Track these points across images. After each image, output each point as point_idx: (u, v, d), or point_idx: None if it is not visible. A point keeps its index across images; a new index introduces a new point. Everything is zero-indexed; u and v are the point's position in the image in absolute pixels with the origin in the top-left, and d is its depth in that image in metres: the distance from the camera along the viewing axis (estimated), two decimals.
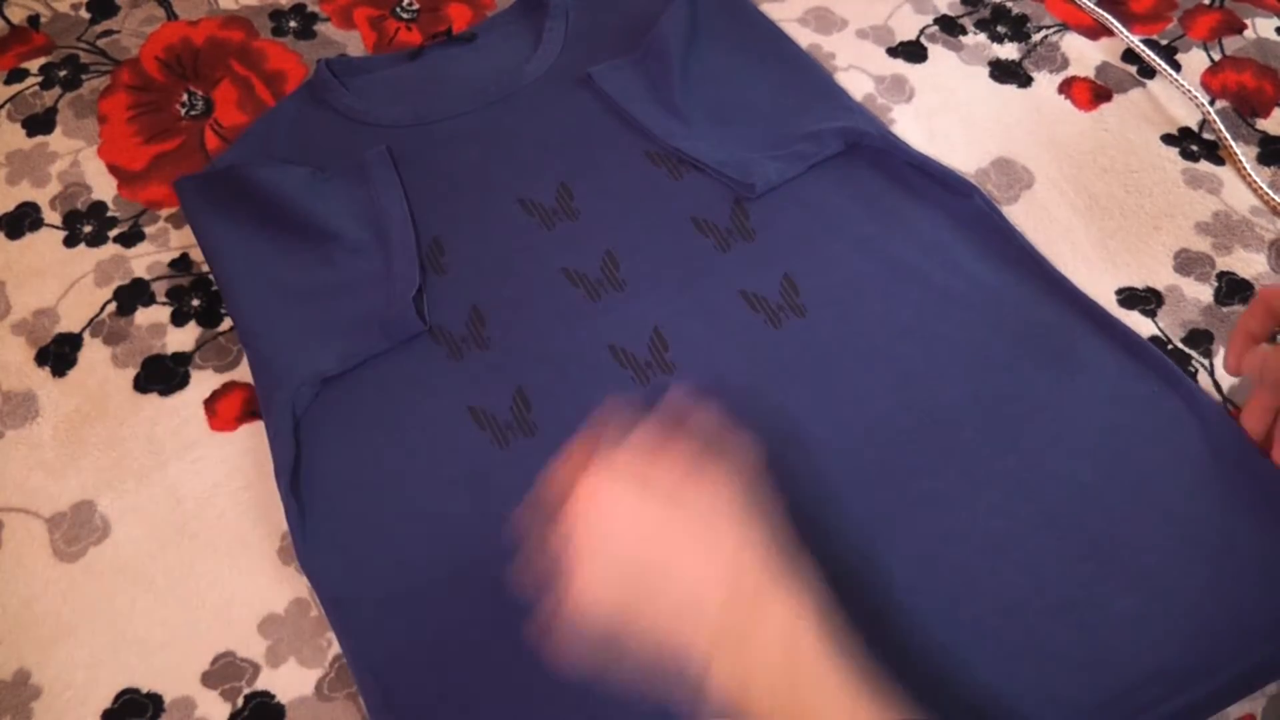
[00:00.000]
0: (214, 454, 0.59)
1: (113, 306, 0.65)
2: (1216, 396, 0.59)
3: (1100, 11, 0.77)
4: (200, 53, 0.77)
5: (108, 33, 0.78)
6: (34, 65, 0.76)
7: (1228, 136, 0.70)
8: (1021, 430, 0.56)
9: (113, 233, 0.68)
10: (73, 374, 0.62)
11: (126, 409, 0.60)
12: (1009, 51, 0.76)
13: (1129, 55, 0.75)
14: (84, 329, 0.64)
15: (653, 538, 0.43)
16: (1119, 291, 0.63)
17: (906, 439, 0.56)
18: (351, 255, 0.63)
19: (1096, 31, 0.77)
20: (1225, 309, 0.63)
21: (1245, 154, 0.69)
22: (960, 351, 0.59)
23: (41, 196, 0.70)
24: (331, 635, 0.53)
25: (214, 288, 0.65)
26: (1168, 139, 0.70)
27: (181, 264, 0.66)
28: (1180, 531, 0.52)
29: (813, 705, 0.40)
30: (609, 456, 0.44)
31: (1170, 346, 0.61)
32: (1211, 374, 0.60)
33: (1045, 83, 0.74)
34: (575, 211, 0.65)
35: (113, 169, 0.71)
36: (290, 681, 0.52)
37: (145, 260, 0.66)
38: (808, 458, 0.55)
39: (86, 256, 0.67)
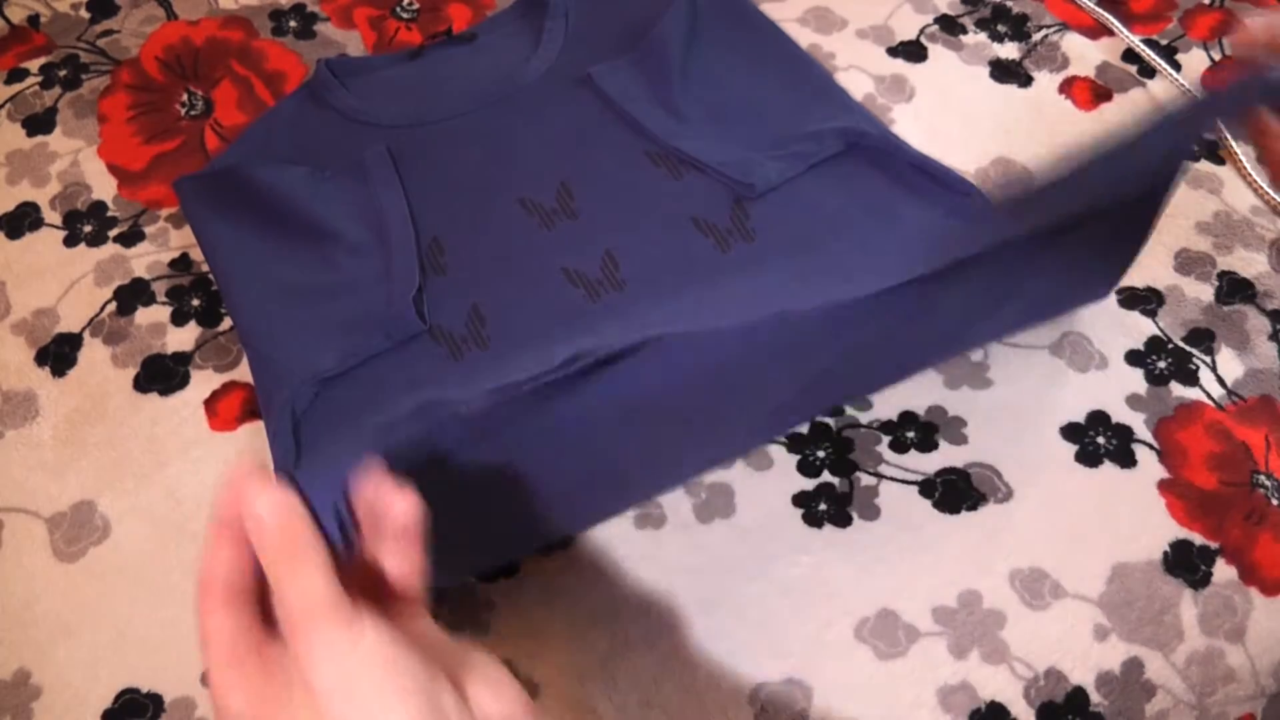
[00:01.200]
0: (214, 454, 0.59)
1: (113, 306, 0.65)
2: (1220, 390, 0.59)
3: (1100, 11, 0.77)
4: (200, 53, 0.77)
5: (108, 32, 0.78)
6: (34, 65, 0.76)
7: (1228, 136, 0.70)
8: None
9: (113, 232, 0.68)
10: (73, 374, 0.62)
11: (126, 409, 0.60)
12: (1009, 51, 0.76)
13: (1129, 55, 0.75)
14: (84, 329, 0.64)
15: None
16: (1119, 291, 0.63)
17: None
18: (351, 255, 0.63)
19: (1097, 31, 0.77)
20: (1226, 308, 0.63)
21: (1246, 153, 0.69)
22: None
23: (41, 196, 0.70)
24: None
25: (214, 287, 0.65)
26: None
27: (181, 264, 0.66)
28: None
29: None
30: None
31: (1171, 345, 0.61)
32: (1214, 369, 0.60)
33: (1045, 82, 0.74)
34: (575, 211, 0.65)
35: (113, 169, 0.71)
36: None
37: (145, 260, 0.66)
38: None
39: (86, 256, 0.67)
